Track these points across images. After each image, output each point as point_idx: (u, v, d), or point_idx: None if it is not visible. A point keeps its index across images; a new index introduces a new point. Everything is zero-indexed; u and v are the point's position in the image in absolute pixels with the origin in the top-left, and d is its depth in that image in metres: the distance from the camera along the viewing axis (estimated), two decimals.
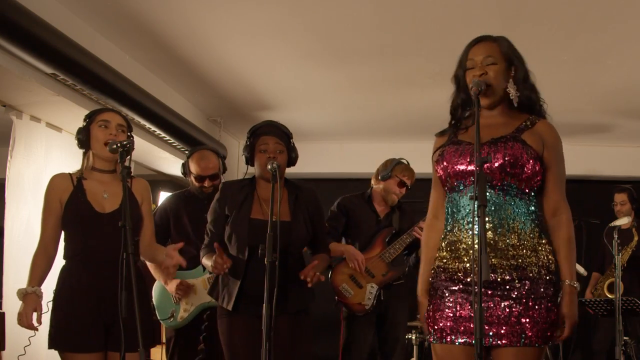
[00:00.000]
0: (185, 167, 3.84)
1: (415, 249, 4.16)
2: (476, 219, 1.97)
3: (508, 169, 2.18)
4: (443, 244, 2.30)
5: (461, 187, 2.26)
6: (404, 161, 4.19)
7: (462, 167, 2.24)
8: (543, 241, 2.20)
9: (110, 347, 2.73)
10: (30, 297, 2.70)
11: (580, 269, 5.53)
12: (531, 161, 2.19)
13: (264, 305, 2.62)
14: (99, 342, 2.72)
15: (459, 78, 2.34)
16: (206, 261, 3.01)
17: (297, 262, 3.02)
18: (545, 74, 4.74)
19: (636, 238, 5.21)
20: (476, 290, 1.93)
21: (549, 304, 2.15)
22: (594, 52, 4.36)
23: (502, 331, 2.14)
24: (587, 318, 5.52)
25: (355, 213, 4.16)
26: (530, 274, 2.16)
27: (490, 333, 2.14)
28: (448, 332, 2.21)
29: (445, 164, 2.28)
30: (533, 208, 2.22)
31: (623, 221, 4.84)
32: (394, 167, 4.16)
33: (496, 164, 2.18)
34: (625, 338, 4.55)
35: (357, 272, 3.99)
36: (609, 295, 5.18)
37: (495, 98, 2.27)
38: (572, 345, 6.16)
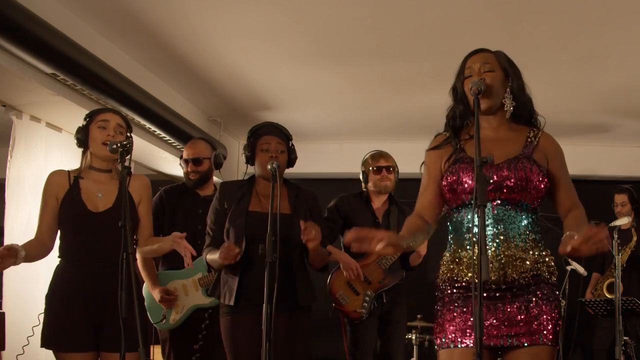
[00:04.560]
0: (181, 157, 3.88)
1: (410, 253, 4.06)
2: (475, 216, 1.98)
3: (522, 186, 2.20)
4: (448, 259, 2.30)
5: (469, 205, 2.24)
6: (369, 152, 4.22)
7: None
8: (544, 253, 2.24)
9: (102, 347, 2.71)
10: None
11: (580, 269, 5.53)
12: (543, 179, 2.23)
13: (264, 305, 2.62)
14: (89, 341, 2.70)
15: (457, 89, 2.33)
16: (210, 256, 2.99)
17: (300, 257, 3.01)
18: (545, 74, 4.80)
19: (635, 238, 5.21)
20: (477, 290, 1.94)
21: (556, 308, 2.19)
22: (594, 52, 4.36)
23: (521, 331, 2.16)
24: (587, 318, 5.53)
25: (352, 215, 4.06)
26: (543, 276, 2.20)
27: (511, 333, 2.15)
28: (459, 337, 2.20)
29: (460, 180, 2.25)
30: (536, 219, 2.27)
31: (623, 221, 4.84)
32: (362, 166, 4.19)
33: (512, 181, 2.19)
34: (625, 338, 4.55)
35: (353, 279, 3.95)
36: (608, 296, 5.17)
37: (494, 102, 2.27)
38: (572, 345, 6.16)
